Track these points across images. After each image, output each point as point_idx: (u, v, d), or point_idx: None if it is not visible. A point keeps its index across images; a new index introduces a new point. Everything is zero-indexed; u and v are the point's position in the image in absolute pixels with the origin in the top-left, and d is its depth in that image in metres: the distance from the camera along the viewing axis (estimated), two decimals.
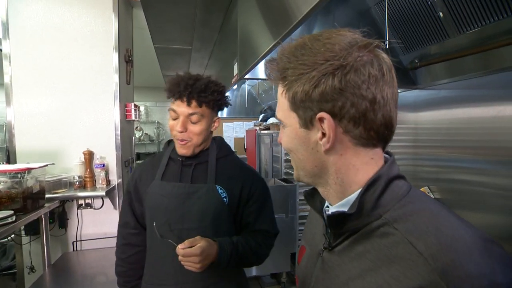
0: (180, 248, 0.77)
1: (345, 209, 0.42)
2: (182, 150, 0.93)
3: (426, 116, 1.63)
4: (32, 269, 1.57)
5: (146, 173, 1.00)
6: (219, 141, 1.04)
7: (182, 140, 0.91)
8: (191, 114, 0.89)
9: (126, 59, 2.02)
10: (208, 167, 0.96)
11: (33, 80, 1.74)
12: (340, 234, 0.44)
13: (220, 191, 0.94)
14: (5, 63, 1.67)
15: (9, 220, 1.06)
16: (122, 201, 1.07)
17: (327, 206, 0.48)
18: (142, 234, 1.01)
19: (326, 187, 0.45)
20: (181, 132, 0.89)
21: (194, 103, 0.89)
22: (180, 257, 0.78)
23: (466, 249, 0.33)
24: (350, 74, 0.38)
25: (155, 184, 0.96)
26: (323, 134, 0.40)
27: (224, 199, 0.93)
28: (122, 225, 1.04)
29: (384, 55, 0.41)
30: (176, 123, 0.90)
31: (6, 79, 1.68)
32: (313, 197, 0.52)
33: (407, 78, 1.63)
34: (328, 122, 0.39)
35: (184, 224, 0.91)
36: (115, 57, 1.83)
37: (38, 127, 1.74)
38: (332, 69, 0.38)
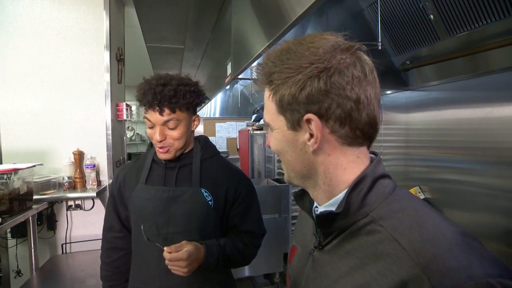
0: (167, 252, 0.77)
1: (333, 208, 0.43)
2: (163, 156, 0.91)
3: (417, 117, 1.66)
4: (18, 273, 1.52)
5: (130, 176, 0.98)
6: (204, 142, 1.01)
7: (162, 147, 0.89)
8: (167, 121, 0.87)
9: (118, 58, 1.99)
10: (192, 170, 0.94)
11: (21, 78, 1.69)
12: (329, 233, 0.45)
13: (205, 194, 0.92)
14: None
15: None
16: (106, 204, 1.05)
17: (316, 207, 0.50)
18: (127, 238, 1.00)
19: (316, 187, 0.46)
20: (161, 141, 0.88)
21: (166, 111, 0.86)
22: (166, 261, 0.78)
23: (446, 245, 0.34)
24: (334, 76, 0.40)
25: (139, 188, 0.94)
26: (311, 135, 0.42)
27: (209, 202, 0.92)
28: (107, 229, 1.02)
29: (366, 57, 0.42)
30: (153, 131, 0.88)
31: None
32: (302, 198, 0.54)
33: (398, 79, 1.65)
34: (315, 123, 0.41)
35: (170, 229, 0.90)
36: (106, 56, 1.80)
37: (26, 126, 1.69)
38: (317, 71, 0.40)
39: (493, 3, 1.06)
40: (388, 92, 1.81)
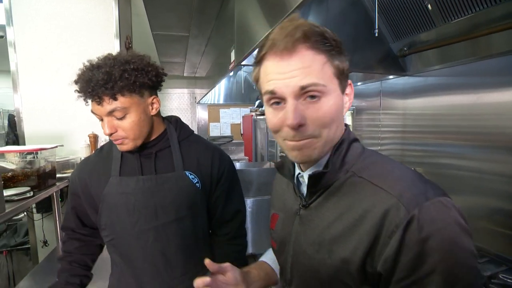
0: None
1: (320, 169, 0.52)
2: (122, 147, 0.80)
3: (414, 103, 1.69)
4: (45, 243, 1.68)
5: (97, 171, 0.85)
6: (176, 122, 0.91)
7: (116, 140, 0.78)
8: (111, 112, 0.74)
9: (127, 46, 2.07)
10: (172, 153, 0.85)
11: (38, 67, 1.80)
12: (315, 192, 0.53)
13: (191, 176, 0.85)
14: (10, 50, 1.73)
15: (28, 195, 1.17)
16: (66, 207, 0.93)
17: (299, 173, 0.57)
18: (93, 234, 0.92)
19: (322, 153, 0.51)
20: (111, 133, 0.76)
21: (105, 99, 0.73)
22: None
23: (410, 180, 0.46)
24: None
25: (113, 182, 0.82)
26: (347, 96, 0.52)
27: (196, 184, 0.85)
28: (64, 227, 0.93)
29: None
30: (103, 124, 0.77)
31: (12, 66, 1.74)
32: (283, 167, 0.61)
33: (396, 65, 1.69)
34: (351, 86, 0.52)
35: (159, 220, 0.82)
36: (116, 44, 1.89)
37: (46, 111, 1.82)
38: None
39: None
40: (391, 77, 1.84)
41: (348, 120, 2.33)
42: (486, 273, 1.06)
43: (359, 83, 2.16)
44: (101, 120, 0.77)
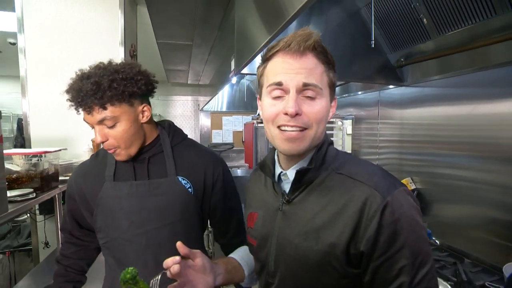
0: None
1: (305, 165, 0.58)
2: (116, 157, 0.82)
3: (411, 113, 1.71)
4: (46, 244, 1.72)
5: (93, 175, 0.87)
6: (169, 127, 0.92)
7: (109, 149, 0.80)
8: (101, 120, 0.76)
9: (131, 54, 2.14)
10: (165, 158, 0.86)
11: (46, 73, 1.87)
12: (298, 188, 0.59)
13: (183, 182, 0.86)
14: (20, 56, 1.80)
15: (30, 196, 1.20)
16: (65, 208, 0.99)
17: (281, 171, 0.63)
18: (89, 235, 0.94)
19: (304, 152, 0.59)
20: (103, 142, 0.78)
21: (95, 108, 0.74)
22: None
23: (380, 174, 0.56)
24: None
25: (108, 187, 0.83)
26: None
27: (189, 189, 0.86)
28: (62, 228, 0.98)
29: None
30: (95, 132, 0.79)
31: (22, 72, 1.81)
32: (264, 166, 0.67)
33: (394, 75, 1.72)
34: (336, 101, 0.61)
35: (152, 225, 0.83)
36: (121, 52, 1.95)
37: (51, 116, 1.88)
38: None
39: (477, 5, 1.13)
40: (391, 87, 1.87)
41: (349, 129, 2.35)
42: (479, 283, 1.06)
43: (359, 93, 2.19)
44: (93, 128, 0.79)
